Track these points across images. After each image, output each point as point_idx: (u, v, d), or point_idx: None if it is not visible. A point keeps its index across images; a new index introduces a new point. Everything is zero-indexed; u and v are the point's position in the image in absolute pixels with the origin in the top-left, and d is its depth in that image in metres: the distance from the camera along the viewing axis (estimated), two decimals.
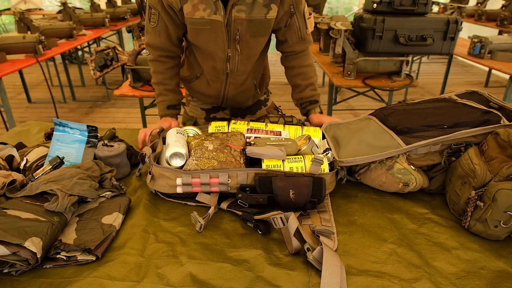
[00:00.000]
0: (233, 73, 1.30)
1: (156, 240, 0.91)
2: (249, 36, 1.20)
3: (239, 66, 1.28)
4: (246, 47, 1.23)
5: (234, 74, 1.31)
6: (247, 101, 1.50)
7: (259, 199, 0.97)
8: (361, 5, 3.30)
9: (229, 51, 1.22)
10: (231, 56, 1.24)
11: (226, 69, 1.28)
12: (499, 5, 4.85)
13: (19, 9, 3.73)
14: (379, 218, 1.00)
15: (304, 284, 0.78)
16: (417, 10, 2.29)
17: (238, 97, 1.43)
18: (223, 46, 1.21)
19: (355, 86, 2.55)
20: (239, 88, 1.38)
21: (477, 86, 5.26)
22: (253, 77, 1.40)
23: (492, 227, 0.88)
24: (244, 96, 1.45)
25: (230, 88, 1.37)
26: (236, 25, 1.16)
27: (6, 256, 0.76)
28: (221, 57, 1.24)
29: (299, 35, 1.30)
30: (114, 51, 2.28)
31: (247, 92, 1.44)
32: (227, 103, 1.47)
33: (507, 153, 0.90)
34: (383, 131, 1.10)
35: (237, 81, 1.35)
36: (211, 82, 1.37)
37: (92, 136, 1.17)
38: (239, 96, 1.42)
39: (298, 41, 1.32)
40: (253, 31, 1.19)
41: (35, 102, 4.62)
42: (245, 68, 1.31)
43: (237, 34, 1.18)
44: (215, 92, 1.41)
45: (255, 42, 1.24)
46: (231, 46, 1.21)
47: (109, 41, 5.87)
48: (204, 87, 1.41)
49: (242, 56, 1.25)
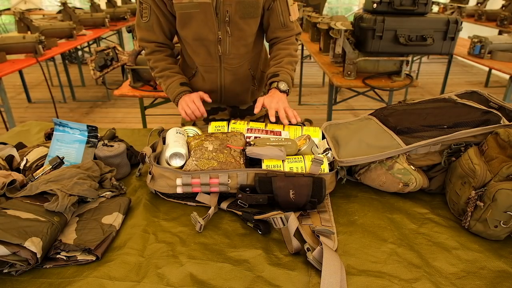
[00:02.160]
0: (225, 56, 1.32)
1: (156, 240, 0.91)
2: (238, 18, 1.22)
3: (231, 48, 1.30)
4: (236, 29, 1.25)
5: (227, 58, 1.32)
6: (246, 95, 1.49)
7: (259, 199, 0.97)
8: (361, 5, 3.30)
9: (219, 34, 1.25)
10: (221, 38, 1.26)
11: (218, 51, 1.29)
12: (499, 5, 4.85)
13: (19, 9, 3.73)
14: (379, 218, 1.00)
15: (304, 284, 0.78)
16: (417, 10, 2.29)
17: (235, 86, 1.42)
18: (214, 29, 1.23)
19: (355, 86, 2.54)
20: (234, 75, 1.39)
21: (477, 86, 5.26)
22: (249, 67, 1.41)
23: (492, 227, 0.88)
24: (241, 86, 1.44)
25: (225, 75, 1.38)
26: (225, 7, 1.19)
27: (6, 256, 0.76)
28: (212, 40, 1.26)
29: (281, 21, 1.31)
30: (114, 51, 2.29)
31: (244, 82, 1.44)
32: (226, 96, 1.46)
33: (507, 153, 0.90)
34: (383, 131, 1.10)
35: (231, 66, 1.35)
36: (206, 74, 1.38)
37: (92, 136, 1.17)
38: (236, 85, 1.42)
39: (281, 28, 1.32)
40: (242, 12, 1.21)
41: (35, 102, 4.62)
42: (237, 51, 1.32)
43: (227, 15, 1.20)
44: (212, 85, 1.41)
45: (245, 24, 1.25)
46: (221, 28, 1.23)
47: (109, 41, 5.87)
48: (201, 83, 1.42)
49: (233, 38, 1.27)
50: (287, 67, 1.31)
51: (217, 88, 1.42)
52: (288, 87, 1.29)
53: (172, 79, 1.35)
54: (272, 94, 1.26)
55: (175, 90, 1.33)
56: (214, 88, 1.42)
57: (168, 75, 1.35)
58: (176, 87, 1.34)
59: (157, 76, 1.38)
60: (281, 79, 1.28)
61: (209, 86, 1.41)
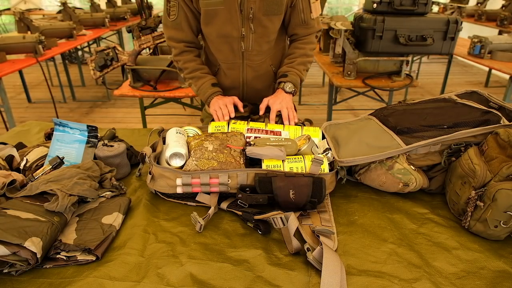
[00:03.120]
0: (248, 52, 1.32)
1: (156, 240, 0.91)
2: (262, 15, 1.23)
3: (254, 45, 1.30)
4: (260, 26, 1.26)
5: (249, 54, 1.33)
6: (267, 92, 1.49)
7: (259, 199, 0.97)
8: (361, 5, 3.30)
9: (243, 30, 1.26)
10: (245, 35, 1.27)
11: (241, 48, 1.30)
12: (499, 5, 4.85)
13: (19, 9, 3.73)
14: (379, 218, 1.00)
15: (304, 284, 0.78)
16: (417, 10, 2.29)
17: (257, 82, 1.43)
18: (237, 25, 1.24)
19: (355, 86, 2.54)
20: (256, 71, 1.39)
21: (477, 86, 5.26)
22: (271, 63, 1.41)
23: (492, 227, 0.88)
24: (263, 83, 1.45)
25: (247, 71, 1.38)
26: (249, 4, 1.20)
27: (6, 256, 0.76)
28: (235, 36, 1.27)
29: (302, 18, 1.31)
30: (114, 51, 2.28)
31: (266, 79, 1.44)
32: (247, 93, 1.46)
33: (507, 153, 0.90)
34: (383, 131, 1.10)
35: (253, 63, 1.36)
36: (229, 70, 1.39)
37: (92, 136, 1.17)
38: (258, 81, 1.43)
39: (301, 25, 1.33)
40: (266, 9, 1.22)
41: (35, 102, 4.62)
42: (260, 48, 1.33)
43: (251, 12, 1.21)
44: (234, 81, 1.42)
45: (269, 21, 1.26)
46: (244, 25, 1.24)
47: (109, 41, 5.87)
48: (224, 80, 1.43)
49: (256, 35, 1.28)
50: (298, 68, 1.34)
51: (239, 85, 1.43)
52: (294, 88, 1.33)
53: (203, 80, 1.36)
54: (277, 95, 1.31)
55: (207, 91, 1.35)
56: (236, 84, 1.43)
57: (199, 76, 1.36)
58: (208, 87, 1.35)
59: (187, 77, 1.39)
60: (288, 80, 1.33)
61: (231, 82, 1.43)
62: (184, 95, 2.26)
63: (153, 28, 2.24)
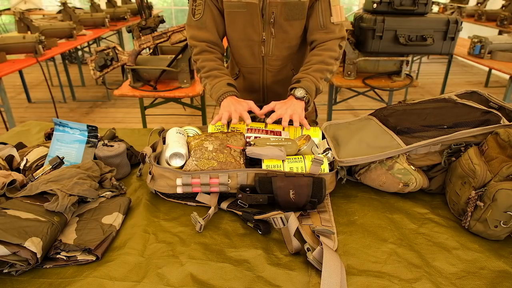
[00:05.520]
0: (268, 57, 1.31)
1: (156, 240, 0.91)
2: (283, 20, 1.22)
3: (274, 50, 1.29)
4: (281, 31, 1.25)
5: (269, 59, 1.32)
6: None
7: (259, 199, 0.97)
8: (361, 5, 3.29)
9: (263, 34, 1.25)
10: (265, 39, 1.26)
11: (261, 52, 1.29)
12: (499, 5, 4.85)
13: (19, 9, 3.73)
14: (379, 218, 1.00)
15: (304, 284, 0.78)
16: (417, 10, 2.29)
17: (278, 87, 1.41)
18: (258, 29, 1.24)
19: (355, 86, 2.55)
20: (276, 76, 1.38)
21: (477, 86, 5.26)
22: (292, 68, 1.40)
23: (492, 227, 0.88)
24: (283, 87, 1.40)
25: (267, 76, 1.37)
26: (271, 8, 1.19)
27: (6, 256, 0.76)
28: (256, 40, 1.26)
29: (320, 22, 1.23)
30: (114, 51, 2.28)
31: (286, 83, 1.39)
32: (268, 95, 1.45)
33: (507, 153, 0.90)
34: (383, 131, 1.10)
35: (273, 67, 1.35)
36: (249, 74, 1.38)
37: (92, 136, 1.17)
38: (278, 85, 1.41)
39: (320, 29, 1.25)
40: (288, 14, 1.21)
41: (35, 102, 4.62)
42: (280, 53, 1.32)
43: (272, 17, 1.20)
44: (254, 85, 1.40)
45: (290, 26, 1.25)
46: (266, 29, 1.24)
47: (109, 41, 5.87)
48: (244, 84, 1.42)
49: (277, 40, 1.27)
50: (313, 75, 1.24)
51: (259, 89, 1.42)
52: (306, 94, 1.21)
53: (219, 79, 1.26)
54: (287, 101, 1.21)
55: (221, 89, 1.23)
56: (256, 88, 1.42)
57: (216, 74, 1.27)
58: (223, 86, 1.24)
59: (203, 77, 1.29)
60: (301, 86, 1.21)
61: (252, 86, 1.42)
62: (184, 95, 2.26)
63: (153, 28, 2.24)
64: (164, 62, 2.26)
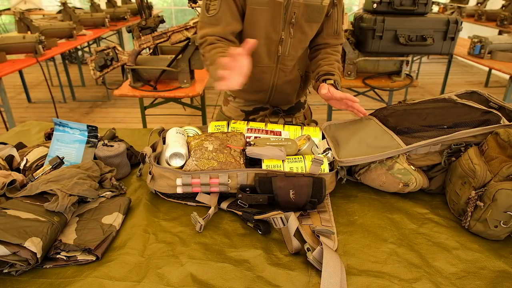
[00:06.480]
0: (284, 57, 1.31)
1: (156, 240, 0.91)
2: (304, 21, 1.23)
3: (291, 50, 1.29)
4: (299, 31, 1.25)
5: (285, 59, 1.32)
6: (293, 96, 1.48)
7: (259, 199, 0.97)
8: (361, 5, 3.29)
9: (282, 34, 1.24)
10: (284, 39, 1.26)
11: (278, 52, 1.29)
12: (499, 5, 4.85)
13: (19, 9, 3.73)
14: (379, 218, 1.00)
15: (304, 284, 0.78)
16: (417, 10, 2.29)
17: (286, 87, 1.41)
18: (278, 29, 1.23)
19: (355, 86, 2.55)
20: (287, 76, 1.38)
21: (477, 86, 5.26)
22: (298, 68, 1.41)
23: (492, 227, 0.88)
24: (291, 87, 1.43)
25: (279, 76, 1.37)
26: (293, 8, 1.19)
27: (6, 256, 0.76)
28: (274, 39, 1.26)
29: (335, 28, 1.32)
30: (114, 51, 2.28)
31: (294, 83, 1.43)
32: (274, 97, 1.44)
33: (507, 153, 0.90)
34: (383, 131, 1.10)
35: (286, 67, 1.35)
36: (261, 74, 1.36)
37: (92, 136, 1.17)
38: (287, 85, 1.41)
39: (333, 35, 1.33)
40: (308, 16, 1.22)
41: (35, 102, 4.62)
42: (295, 53, 1.32)
43: (293, 17, 1.20)
44: (264, 85, 1.39)
45: (308, 27, 1.26)
46: (285, 29, 1.23)
47: (109, 41, 5.87)
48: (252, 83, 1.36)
49: (294, 40, 1.27)
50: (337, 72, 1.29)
51: (268, 88, 1.41)
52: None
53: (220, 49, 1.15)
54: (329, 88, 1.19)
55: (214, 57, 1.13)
56: (265, 88, 1.40)
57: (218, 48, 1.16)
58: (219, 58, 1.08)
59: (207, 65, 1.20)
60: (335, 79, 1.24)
61: (260, 86, 1.40)
62: (184, 95, 2.26)
63: (153, 28, 2.24)
64: (164, 62, 2.26)
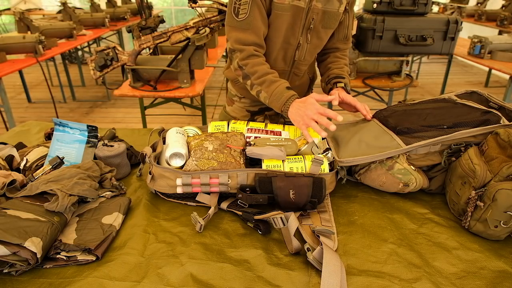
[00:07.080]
0: (299, 61, 1.31)
1: (156, 240, 0.91)
2: (321, 27, 1.24)
3: (307, 55, 1.30)
4: (316, 37, 1.26)
5: (300, 64, 1.32)
6: None
7: (259, 199, 0.97)
8: (361, 5, 3.30)
9: (300, 39, 1.25)
10: (301, 44, 1.26)
11: (294, 56, 1.29)
12: (499, 5, 4.85)
13: (19, 9, 3.73)
14: (379, 218, 1.00)
15: (304, 284, 0.78)
16: (417, 10, 2.29)
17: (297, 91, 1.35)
18: (297, 33, 1.23)
19: (355, 86, 2.54)
20: (300, 80, 1.40)
21: (477, 86, 5.26)
22: (308, 71, 1.42)
23: (492, 227, 0.88)
24: (300, 90, 1.44)
25: (292, 80, 1.37)
26: (312, 14, 1.20)
27: (6, 256, 0.76)
28: (292, 44, 1.26)
29: (345, 34, 1.34)
30: (114, 51, 2.28)
31: (304, 86, 1.46)
32: None
33: (507, 153, 0.90)
34: (383, 132, 1.10)
35: (300, 71, 1.36)
36: None
37: (92, 136, 1.17)
38: (298, 89, 1.40)
39: (343, 40, 1.36)
40: (325, 22, 1.23)
41: (35, 102, 4.62)
42: (310, 58, 1.33)
43: (312, 23, 1.21)
44: None
45: (324, 33, 1.27)
46: (303, 34, 1.24)
47: (109, 41, 5.87)
48: None
49: (311, 45, 1.28)
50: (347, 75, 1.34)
51: None
52: None
53: (276, 84, 1.16)
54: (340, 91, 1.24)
55: (282, 95, 1.15)
56: None
57: (271, 79, 1.17)
58: (283, 91, 1.15)
59: (255, 83, 1.19)
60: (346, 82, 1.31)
61: None
62: (184, 95, 2.26)
63: (153, 28, 2.24)
64: (164, 62, 2.25)
